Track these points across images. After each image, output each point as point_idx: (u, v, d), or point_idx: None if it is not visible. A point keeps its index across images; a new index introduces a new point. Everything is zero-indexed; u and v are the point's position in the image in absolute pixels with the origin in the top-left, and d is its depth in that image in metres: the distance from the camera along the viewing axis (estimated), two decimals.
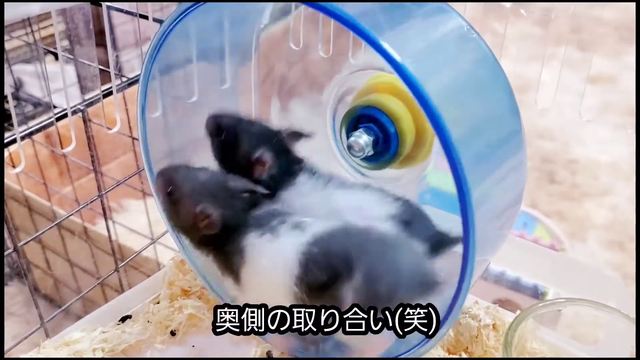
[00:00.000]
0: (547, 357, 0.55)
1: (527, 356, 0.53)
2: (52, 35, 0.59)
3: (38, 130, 0.62)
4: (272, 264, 0.48)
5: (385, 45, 0.40)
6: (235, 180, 0.52)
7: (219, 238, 0.50)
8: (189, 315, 0.60)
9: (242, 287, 0.51)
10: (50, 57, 1.25)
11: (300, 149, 0.58)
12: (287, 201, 0.55)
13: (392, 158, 0.55)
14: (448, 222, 0.54)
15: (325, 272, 0.46)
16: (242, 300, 0.53)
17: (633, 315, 0.52)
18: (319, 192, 0.56)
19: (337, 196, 0.55)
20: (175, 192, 0.51)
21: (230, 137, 0.56)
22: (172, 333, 0.59)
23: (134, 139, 0.83)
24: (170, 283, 0.62)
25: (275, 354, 0.58)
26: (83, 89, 0.97)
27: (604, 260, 1.29)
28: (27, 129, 0.60)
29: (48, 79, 0.67)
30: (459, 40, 0.48)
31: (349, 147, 0.54)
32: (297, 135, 0.58)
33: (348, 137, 0.54)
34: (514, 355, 0.49)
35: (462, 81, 0.47)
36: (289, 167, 0.57)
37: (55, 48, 0.58)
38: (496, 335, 0.56)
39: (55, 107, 0.66)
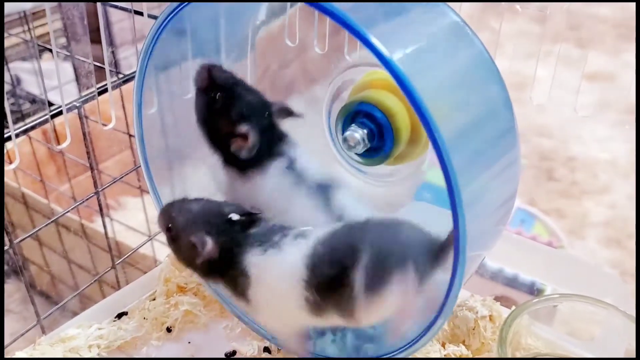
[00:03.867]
0: (542, 353, 0.55)
1: (522, 352, 0.53)
2: (49, 33, 0.59)
3: (33, 127, 0.61)
4: (279, 276, 0.48)
5: (374, 40, 0.40)
6: (229, 206, 0.51)
7: (221, 264, 0.50)
8: (184, 312, 0.60)
9: (254, 307, 0.51)
10: (48, 55, 1.25)
11: (298, 143, 0.58)
12: (256, 183, 0.54)
13: (387, 154, 0.55)
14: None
15: (332, 265, 0.47)
16: (255, 319, 0.52)
17: (631, 311, 0.52)
18: (283, 191, 0.55)
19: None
20: (172, 228, 0.51)
21: (221, 98, 0.54)
22: (168, 329, 0.59)
23: (130, 135, 0.83)
24: (166, 280, 0.62)
25: (272, 350, 0.58)
26: (80, 86, 0.97)
27: (602, 258, 1.29)
28: (23, 125, 0.60)
29: (43, 77, 0.67)
30: (452, 37, 0.48)
31: (345, 142, 0.54)
32: (287, 112, 0.57)
33: (343, 133, 0.54)
34: (509, 351, 0.49)
35: (455, 78, 0.47)
36: (269, 149, 0.55)
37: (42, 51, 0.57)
38: (493, 327, 0.56)
39: (51, 104, 0.66)
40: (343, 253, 0.47)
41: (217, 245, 0.49)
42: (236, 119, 0.54)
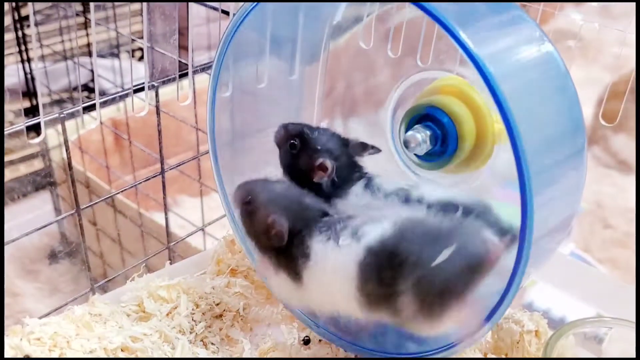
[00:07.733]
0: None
1: None
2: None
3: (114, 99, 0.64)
4: (335, 270, 0.50)
5: (470, 44, 0.42)
6: (310, 198, 0.54)
7: (285, 245, 0.52)
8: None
9: (305, 286, 0.52)
10: (123, 55, 1.30)
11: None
12: (339, 211, 0.56)
13: (448, 160, 0.56)
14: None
15: (381, 284, 0.48)
16: (303, 297, 0.54)
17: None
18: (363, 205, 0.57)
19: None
20: (251, 202, 0.54)
21: (297, 142, 0.59)
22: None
23: (197, 129, 0.86)
24: (219, 260, 0.64)
25: (312, 340, 0.58)
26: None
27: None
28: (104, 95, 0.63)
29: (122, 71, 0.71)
30: (536, 50, 0.48)
31: (406, 142, 0.55)
32: (365, 146, 0.60)
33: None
34: None
35: (537, 91, 0.47)
36: (349, 175, 0.58)
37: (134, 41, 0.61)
38: (538, 342, 0.55)
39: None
40: (391, 272, 0.48)
41: (287, 231, 0.51)
42: (312, 154, 0.58)
